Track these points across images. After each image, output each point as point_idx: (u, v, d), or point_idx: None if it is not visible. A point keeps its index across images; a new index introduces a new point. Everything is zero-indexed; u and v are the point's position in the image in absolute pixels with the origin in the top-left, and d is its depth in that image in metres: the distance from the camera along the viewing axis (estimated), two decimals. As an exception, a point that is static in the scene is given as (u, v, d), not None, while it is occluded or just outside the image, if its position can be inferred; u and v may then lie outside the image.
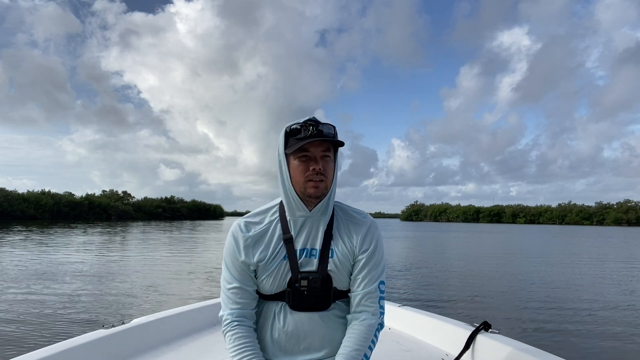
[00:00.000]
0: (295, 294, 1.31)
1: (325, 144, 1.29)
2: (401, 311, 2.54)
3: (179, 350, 2.08)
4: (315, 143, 1.27)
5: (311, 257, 1.33)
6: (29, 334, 5.52)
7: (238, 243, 1.33)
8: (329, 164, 1.31)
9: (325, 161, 1.30)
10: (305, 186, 1.29)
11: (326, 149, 1.30)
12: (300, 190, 1.30)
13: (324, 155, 1.29)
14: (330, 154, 1.31)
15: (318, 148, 1.28)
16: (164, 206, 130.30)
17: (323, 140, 1.27)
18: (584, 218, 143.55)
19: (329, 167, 1.31)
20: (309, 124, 1.27)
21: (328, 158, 1.31)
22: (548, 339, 5.77)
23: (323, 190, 1.30)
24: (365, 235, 1.37)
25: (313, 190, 1.28)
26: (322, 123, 1.29)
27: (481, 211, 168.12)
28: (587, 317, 7.09)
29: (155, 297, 8.15)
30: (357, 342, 1.29)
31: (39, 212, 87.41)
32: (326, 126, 1.29)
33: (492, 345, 1.87)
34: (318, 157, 1.28)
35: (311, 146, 1.28)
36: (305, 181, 1.29)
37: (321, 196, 1.30)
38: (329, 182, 1.31)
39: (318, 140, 1.26)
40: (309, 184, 1.28)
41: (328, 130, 1.29)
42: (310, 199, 1.31)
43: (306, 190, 1.29)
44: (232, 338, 1.29)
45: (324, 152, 1.29)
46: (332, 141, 1.29)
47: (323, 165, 1.29)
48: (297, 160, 1.29)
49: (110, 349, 1.86)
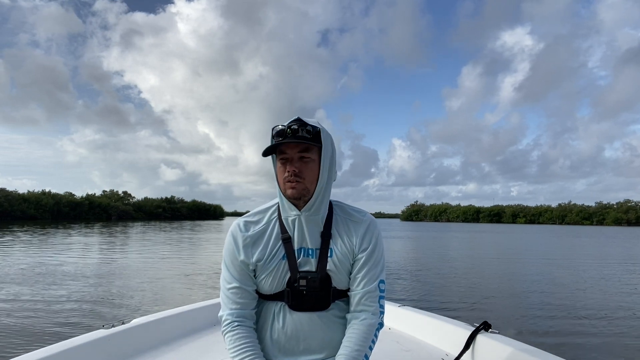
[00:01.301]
0: (294, 293, 1.31)
1: (301, 145, 1.27)
2: (401, 311, 2.54)
3: (179, 350, 2.08)
4: (291, 145, 1.26)
5: (310, 256, 1.32)
6: (29, 334, 5.52)
7: (237, 242, 1.33)
8: (308, 165, 1.28)
9: (303, 162, 1.28)
10: (285, 187, 1.29)
11: (304, 149, 1.27)
12: (283, 191, 1.31)
13: (301, 156, 1.28)
14: (309, 154, 1.28)
15: (294, 149, 1.27)
16: (164, 206, 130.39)
17: (298, 142, 1.26)
18: (584, 218, 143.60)
19: (307, 168, 1.28)
20: (289, 125, 1.26)
21: (307, 159, 1.28)
22: (548, 339, 5.76)
23: (301, 192, 1.28)
24: (365, 233, 1.36)
25: (290, 192, 1.28)
26: (305, 124, 1.27)
27: (481, 211, 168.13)
28: (587, 317, 7.09)
29: (155, 297, 8.14)
30: (358, 342, 1.28)
31: (39, 212, 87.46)
32: (306, 127, 1.26)
33: (492, 345, 1.87)
34: (295, 158, 1.28)
35: (287, 148, 1.27)
36: (284, 182, 1.29)
37: (300, 197, 1.29)
38: (309, 183, 1.29)
39: (293, 142, 1.26)
40: (287, 184, 1.28)
41: (304, 132, 1.25)
42: (294, 201, 1.30)
43: (285, 192, 1.29)
44: (232, 339, 1.28)
45: (301, 153, 1.27)
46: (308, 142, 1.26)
47: (299, 166, 1.27)
48: (278, 162, 1.30)
49: (110, 349, 1.86)
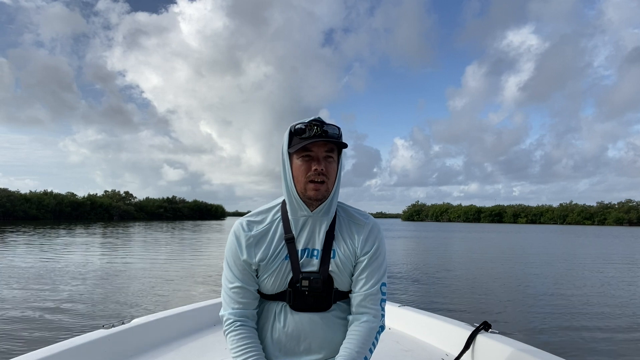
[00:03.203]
0: (296, 294, 1.30)
1: (328, 144, 1.28)
2: (401, 311, 2.54)
3: (179, 350, 2.08)
4: (318, 143, 1.27)
5: (312, 257, 1.32)
6: (30, 334, 5.53)
7: (240, 242, 1.32)
8: (332, 165, 1.30)
9: (328, 162, 1.29)
10: (306, 187, 1.28)
11: (330, 149, 1.29)
12: (301, 191, 1.30)
13: (327, 156, 1.28)
14: (333, 155, 1.30)
15: (321, 148, 1.28)
16: (166, 206, 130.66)
17: (327, 141, 1.27)
18: (585, 218, 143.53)
19: (331, 168, 1.30)
20: (314, 124, 1.27)
21: (331, 159, 1.30)
22: (548, 339, 5.76)
23: (324, 193, 1.29)
24: (368, 236, 1.36)
25: (313, 193, 1.28)
26: (327, 124, 1.29)
27: (482, 211, 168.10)
28: (588, 317, 7.08)
29: (156, 297, 8.13)
30: (358, 344, 1.28)
31: (41, 213, 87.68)
32: (331, 127, 1.28)
33: (492, 345, 1.87)
34: (321, 157, 1.27)
35: (314, 146, 1.27)
36: (306, 182, 1.28)
37: (322, 198, 1.29)
38: (331, 184, 1.30)
39: (322, 141, 1.26)
40: (310, 185, 1.27)
41: (333, 131, 1.28)
42: (310, 201, 1.30)
43: (306, 192, 1.28)
44: (234, 339, 1.28)
45: (327, 152, 1.28)
46: (336, 142, 1.28)
47: (325, 166, 1.28)
48: (299, 160, 1.29)
49: (110, 349, 1.87)
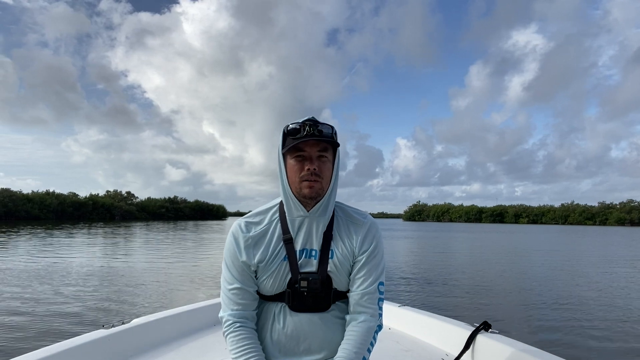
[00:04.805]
0: (295, 294, 1.30)
1: (321, 144, 1.28)
2: (401, 311, 2.54)
3: (179, 350, 2.09)
4: (311, 143, 1.26)
5: (311, 257, 1.32)
6: (30, 334, 5.54)
7: (238, 243, 1.32)
8: (326, 165, 1.30)
9: (321, 161, 1.28)
10: (300, 186, 1.28)
11: (323, 149, 1.28)
12: (296, 191, 1.30)
13: (320, 155, 1.28)
14: (327, 154, 1.30)
15: (314, 148, 1.27)
16: (167, 206, 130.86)
17: (318, 140, 1.26)
18: (586, 218, 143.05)
19: (325, 168, 1.29)
20: (307, 124, 1.26)
21: (325, 158, 1.29)
22: (548, 339, 5.75)
23: (318, 191, 1.28)
24: (365, 235, 1.36)
25: (307, 191, 1.27)
26: (321, 123, 1.28)
27: (484, 211, 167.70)
28: (588, 317, 7.06)
29: (156, 297, 8.15)
30: (356, 344, 1.27)
31: (43, 213, 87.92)
32: (325, 126, 1.28)
33: (492, 345, 1.87)
34: (314, 157, 1.27)
35: (307, 146, 1.27)
36: (300, 181, 1.28)
37: (316, 197, 1.29)
38: (325, 183, 1.30)
39: (314, 140, 1.26)
40: (304, 184, 1.27)
41: (326, 130, 1.28)
42: (305, 200, 1.30)
43: (301, 191, 1.28)
44: (234, 340, 1.28)
45: (320, 152, 1.28)
46: (327, 141, 1.28)
47: (319, 165, 1.27)
48: (293, 160, 1.29)
49: (110, 349, 1.87)
